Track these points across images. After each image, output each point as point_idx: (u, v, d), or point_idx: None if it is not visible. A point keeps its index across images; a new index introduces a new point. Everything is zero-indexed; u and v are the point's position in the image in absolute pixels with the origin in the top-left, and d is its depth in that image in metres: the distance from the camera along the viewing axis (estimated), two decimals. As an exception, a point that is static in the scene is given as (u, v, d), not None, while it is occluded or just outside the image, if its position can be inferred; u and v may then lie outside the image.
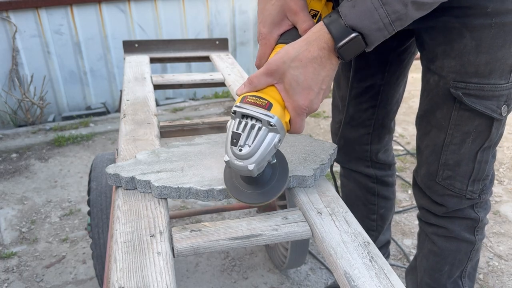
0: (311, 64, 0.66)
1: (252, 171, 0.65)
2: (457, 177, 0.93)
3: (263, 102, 0.66)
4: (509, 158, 2.45)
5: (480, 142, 0.89)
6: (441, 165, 0.93)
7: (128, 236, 0.67)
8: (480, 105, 0.84)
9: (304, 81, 0.66)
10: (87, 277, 1.65)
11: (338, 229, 0.70)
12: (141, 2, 3.10)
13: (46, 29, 2.92)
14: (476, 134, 0.88)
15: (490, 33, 0.78)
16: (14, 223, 1.96)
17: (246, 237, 0.69)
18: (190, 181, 0.77)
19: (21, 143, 2.71)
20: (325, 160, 0.86)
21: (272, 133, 0.66)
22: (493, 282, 1.60)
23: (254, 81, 0.68)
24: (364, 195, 1.31)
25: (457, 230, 1.00)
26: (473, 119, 0.86)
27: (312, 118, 3.00)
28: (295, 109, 0.68)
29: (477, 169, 0.92)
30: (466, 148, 0.90)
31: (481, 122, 0.86)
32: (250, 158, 0.65)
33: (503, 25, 0.78)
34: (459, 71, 0.83)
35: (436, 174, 0.95)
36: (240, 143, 0.65)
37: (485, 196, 0.97)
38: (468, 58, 0.81)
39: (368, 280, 0.60)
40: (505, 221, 1.93)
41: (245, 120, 0.66)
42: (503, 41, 0.79)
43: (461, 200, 0.96)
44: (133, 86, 1.30)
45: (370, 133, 1.17)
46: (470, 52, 0.81)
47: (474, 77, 0.82)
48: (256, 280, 1.62)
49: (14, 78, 2.91)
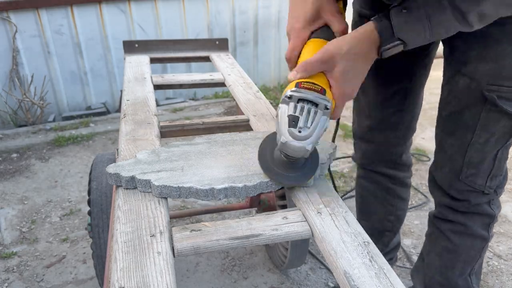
0: (360, 59, 0.74)
1: (308, 151, 0.70)
2: (479, 174, 0.98)
3: (318, 88, 0.72)
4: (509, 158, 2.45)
5: (503, 141, 0.94)
6: (466, 163, 0.98)
7: (129, 236, 0.67)
8: (511, 107, 0.89)
9: (353, 72, 0.74)
10: (88, 277, 1.65)
11: (338, 229, 0.71)
12: (141, 2, 3.10)
13: (46, 29, 2.93)
14: (500, 134, 0.93)
15: None
16: (14, 223, 1.96)
17: (246, 237, 0.69)
18: (190, 181, 0.78)
19: (22, 143, 2.71)
20: (324, 160, 0.86)
21: (326, 117, 0.71)
22: (493, 281, 1.60)
23: (308, 67, 0.74)
24: (383, 196, 1.33)
25: (473, 226, 1.05)
26: (500, 120, 0.91)
27: (312, 118, 3.00)
28: (342, 96, 0.75)
29: (496, 166, 0.97)
30: (489, 147, 0.94)
31: (506, 123, 0.91)
32: (308, 139, 0.70)
33: None
34: (494, 74, 0.87)
35: (460, 171, 0.99)
36: (299, 125, 0.70)
37: (500, 191, 1.03)
38: (504, 63, 0.86)
39: (368, 280, 0.60)
40: (504, 221, 1.93)
41: (301, 104, 0.71)
42: None
43: (480, 195, 1.01)
44: (133, 86, 1.30)
45: (398, 136, 1.21)
46: (506, 57, 0.85)
47: (508, 81, 0.87)
48: (256, 280, 1.62)
49: (14, 78, 2.91)
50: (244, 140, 0.95)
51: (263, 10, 3.55)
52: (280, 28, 3.67)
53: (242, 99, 1.25)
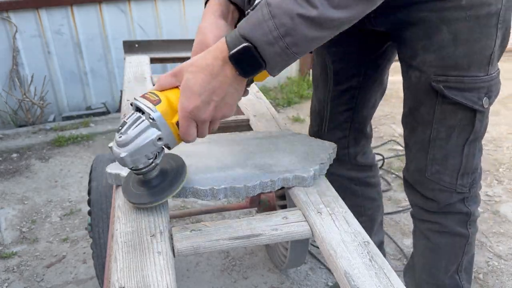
0: (203, 71, 0.66)
1: (123, 159, 0.66)
2: (446, 172, 0.94)
3: (155, 98, 0.68)
4: (508, 158, 2.45)
5: (466, 135, 0.90)
6: (429, 160, 0.95)
7: (129, 236, 0.67)
8: (461, 97, 0.85)
9: (193, 86, 0.66)
10: (88, 276, 1.65)
11: (338, 229, 0.71)
12: (141, 2, 3.10)
13: (46, 29, 2.93)
14: (461, 128, 0.89)
15: (466, 26, 0.80)
16: (14, 223, 1.96)
17: (246, 236, 0.69)
18: (191, 180, 0.78)
19: (22, 143, 2.71)
20: (324, 160, 0.86)
21: (153, 129, 0.67)
22: (493, 281, 1.61)
23: (161, 80, 0.70)
24: (349, 198, 1.29)
25: (450, 224, 1.01)
26: (456, 112, 0.88)
27: (312, 118, 3.01)
28: (181, 110, 0.68)
29: (465, 163, 0.93)
30: (452, 142, 0.91)
31: (465, 115, 0.88)
32: (125, 147, 0.66)
33: (477, 18, 0.80)
34: (439, 64, 0.85)
35: (425, 169, 0.96)
36: (121, 130, 0.67)
37: (474, 190, 0.99)
38: (447, 51, 0.83)
39: (368, 280, 0.60)
40: (504, 221, 1.93)
41: (136, 112, 0.68)
42: (479, 33, 0.81)
43: (451, 195, 0.97)
44: (133, 86, 1.30)
45: (347, 136, 1.18)
46: (448, 45, 0.83)
47: (454, 70, 0.84)
48: (256, 279, 1.62)
49: (14, 78, 2.92)
50: (245, 140, 0.95)
51: (263, 10, 3.55)
52: (280, 28, 3.67)
53: (242, 99, 1.25)
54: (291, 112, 3.09)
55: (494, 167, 2.36)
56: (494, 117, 2.96)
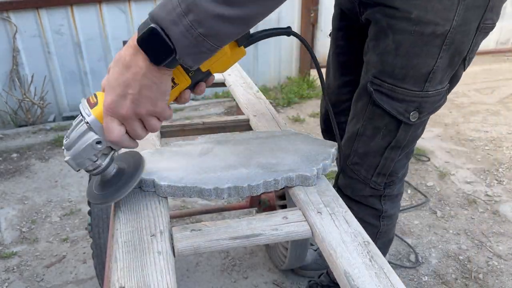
0: (117, 64, 0.62)
1: (68, 162, 0.67)
2: (363, 166, 1.01)
3: (94, 101, 0.66)
4: (508, 158, 2.45)
5: (388, 140, 0.95)
6: (353, 151, 1.01)
7: (129, 235, 0.67)
8: (388, 105, 0.89)
9: (110, 81, 0.63)
10: (88, 276, 1.65)
11: (338, 229, 0.71)
12: (141, 3, 3.10)
13: (46, 29, 2.93)
14: (386, 132, 0.94)
15: (410, 39, 0.83)
16: (14, 223, 1.97)
17: (246, 236, 0.69)
18: (194, 180, 0.78)
19: (22, 143, 2.71)
20: (326, 159, 0.86)
21: (91, 132, 0.65)
22: (493, 281, 1.61)
23: (103, 81, 0.66)
24: None
25: (361, 214, 1.05)
26: (383, 116, 0.92)
27: (312, 118, 3.00)
28: (104, 108, 0.64)
29: (382, 164, 0.99)
30: (375, 142, 0.96)
31: (390, 121, 0.92)
32: (69, 150, 0.67)
33: (421, 35, 0.82)
34: (379, 68, 0.88)
35: (348, 157, 1.03)
36: (67, 133, 0.67)
37: (390, 190, 1.06)
38: (387, 58, 0.86)
39: (368, 280, 0.61)
40: (504, 221, 1.93)
41: (80, 115, 0.67)
42: (419, 50, 0.83)
43: (365, 187, 1.04)
44: (133, 86, 1.30)
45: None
46: (389, 52, 0.85)
47: (390, 78, 0.87)
48: (256, 279, 1.62)
49: (14, 78, 2.92)
50: (247, 139, 0.96)
51: (263, 10, 3.55)
52: (280, 28, 3.67)
53: (242, 99, 1.25)
54: (291, 112, 3.09)
55: (494, 167, 2.36)
56: (494, 117, 2.96)
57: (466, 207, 2.03)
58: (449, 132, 2.76)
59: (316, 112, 3.07)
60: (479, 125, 2.84)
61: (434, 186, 2.19)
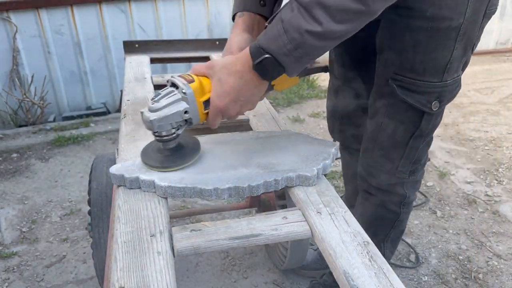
0: (233, 75, 0.77)
1: (151, 122, 0.75)
2: (389, 158, 1.07)
3: (190, 78, 0.78)
4: (508, 158, 2.45)
5: (412, 130, 1.01)
6: (377, 145, 1.07)
7: (129, 235, 0.67)
8: (411, 98, 0.95)
9: (224, 86, 0.78)
10: (88, 276, 1.65)
11: (338, 229, 0.71)
12: (141, 3, 3.10)
13: (46, 29, 2.93)
14: (409, 124, 1.00)
15: (427, 35, 0.89)
16: (14, 223, 1.97)
17: (246, 236, 0.69)
18: (194, 180, 0.78)
19: (22, 143, 2.72)
20: (326, 159, 0.86)
21: (183, 102, 0.77)
22: (493, 281, 1.61)
23: (196, 67, 0.81)
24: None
25: (386, 202, 1.15)
26: (406, 109, 0.98)
27: (312, 118, 3.01)
28: (212, 106, 0.79)
29: (407, 153, 1.05)
30: (399, 134, 1.02)
31: (413, 113, 0.98)
32: (155, 112, 0.76)
33: (438, 30, 0.88)
34: (398, 65, 0.94)
35: (373, 152, 1.09)
36: (155, 99, 0.77)
37: (414, 177, 1.12)
38: (406, 55, 0.92)
39: (367, 280, 0.61)
40: (504, 221, 1.94)
41: (171, 87, 0.79)
42: (437, 44, 0.89)
43: (391, 177, 1.10)
44: (133, 86, 1.30)
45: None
46: (408, 50, 0.91)
47: (410, 73, 0.93)
48: (256, 279, 1.62)
49: (14, 78, 2.92)
50: (247, 139, 0.96)
51: (263, 10, 3.55)
52: (280, 28, 3.67)
53: (242, 99, 1.25)
54: (291, 112, 3.09)
55: (494, 167, 2.36)
56: (494, 117, 2.96)
57: (466, 207, 2.03)
58: (449, 132, 2.76)
59: (316, 112, 3.08)
60: (479, 125, 2.84)
61: (434, 186, 2.19)
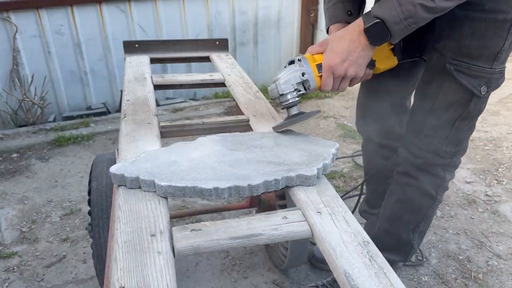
0: (344, 38, 0.96)
1: (277, 85, 0.97)
2: (436, 137, 1.16)
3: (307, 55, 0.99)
4: (508, 158, 2.45)
5: (460, 112, 1.10)
6: (426, 125, 1.16)
7: (129, 235, 0.67)
8: (465, 80, 1.06)
9: (336, 48, 0.96)
10: (88, 276, 1.65)
11: (338, 229, 0.71)
12: (141, 3, 3.10)
13: (46, 29, 2.93)
14: (458, 105, 1.10)
15: (485, 25, 1.00)
16: (14, 223, 1.97)
17: (246, 236, 0.69)
18: (194, 180, 0.78)
19: (22, 143, 2.72)
20: (327, 159, 0.86)
21: (300, 68, 0.97)
22: (493, 281, 1.61)
23: (310, 48, 1.02)
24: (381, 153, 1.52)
25: (425, 183, 1.24)
26: (458, 91, 1.08)
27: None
28: (324, 65, 0.96)
29: (453, 134, 1.14)
30: (448, 115, 1.12)
31: (464, 95, 1.08)
32: (279, 80, 0.98)
33: (495, 21, 0.99)
34: (456, 51, 1.05)
35: (421, 132, 1.18)
36: (279, 72, 0.99)
37: (455, 160, 1.22)
38: (464, 42, 1.03)
39: (367, 279, 0.61)
40: (504, 221, 1.94)
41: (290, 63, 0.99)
42: (492, 33, 1.00)
43: (436, 157, 1.19)
44: (133, 86, 1.30)
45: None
46: (467, 37, 1.03)
47: (466, 58, 1.04)
48: (256, 279, 1.62)
49: (14, 78, 2.92)
50: (247, 140, 0.96)
51: (263, 11, 3.55)
52: (279, 28, 3.67)
53: (242, 99, 1.25)
54: (291, 112, 3.09)
55: (493, 167, 2.36)
56: (494, 117, 2.96)
57: (466, 207, 2.03)
58: (449, 132, 2.76)
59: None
60: (479, 125, 2.84)
61: (434, 186, 2.19)
